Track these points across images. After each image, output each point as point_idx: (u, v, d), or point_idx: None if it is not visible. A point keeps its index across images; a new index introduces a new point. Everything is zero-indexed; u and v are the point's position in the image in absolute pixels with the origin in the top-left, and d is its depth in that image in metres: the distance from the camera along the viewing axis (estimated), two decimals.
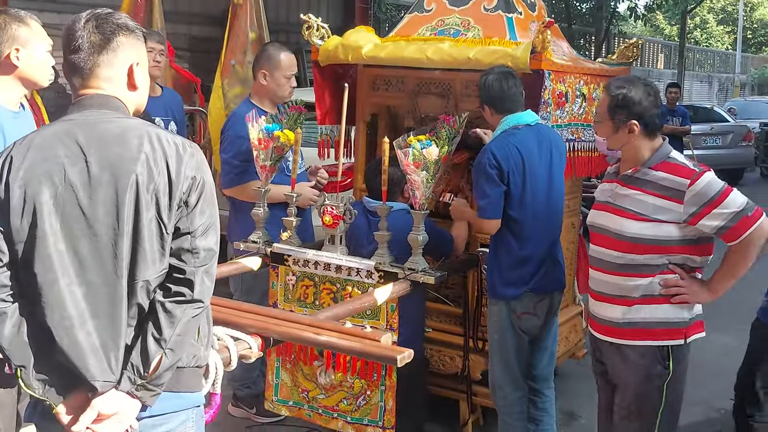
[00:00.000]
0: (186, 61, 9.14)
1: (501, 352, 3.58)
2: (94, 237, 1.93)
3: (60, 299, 1.92)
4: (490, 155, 3.43)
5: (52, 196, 1.92)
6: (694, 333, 2.97)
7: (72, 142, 1.96)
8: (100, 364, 1.93)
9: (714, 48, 38.24)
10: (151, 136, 1.99)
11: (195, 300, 1.98)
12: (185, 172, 1.99)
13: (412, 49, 4.05)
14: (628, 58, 4.63)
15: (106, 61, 2.05)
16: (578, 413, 4.51)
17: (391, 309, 3.52)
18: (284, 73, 4.02)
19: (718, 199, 2.77)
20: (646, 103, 2.89)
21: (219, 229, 2.09)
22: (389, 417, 3.55)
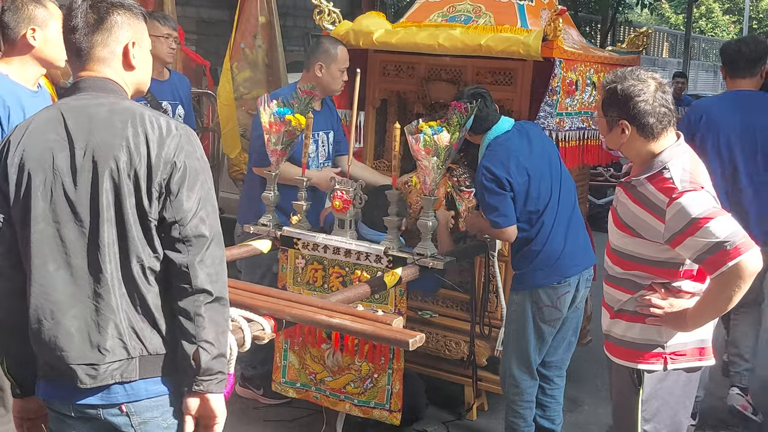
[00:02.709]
0: (194, 44, 9.14)
1: (519, 342, 3.59)
2: (79, 223, 1.94)
3: (47, 284, 1.95)
4: (484, 171, 3.45)
5: (42, 182, 1.95)
6: (686, 360, 2.66)
7: (62, 127, 1.97)
8: (83, 348, 1.94)
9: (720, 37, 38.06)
10: (135, 119, 1.96)
11: (198, 291, 1.95)
12: (166, 156, 1.95)
13: (423, 35, 4.05)
14: (638, 47, 4.63)
15: (101, 41, 2.04)
16: (582, 400, 4.54)
17: (400, 293, 3.55)
18: (340, 66, 4.01)
19: (694, 226, 2.41)
20: (639, 100, 2.54)
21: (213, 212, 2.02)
22: (396, 400, 3.58)
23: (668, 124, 2.60)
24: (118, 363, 1.96)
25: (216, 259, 1.99)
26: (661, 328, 2.63)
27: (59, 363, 1.96)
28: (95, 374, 1.95)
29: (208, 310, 1.97)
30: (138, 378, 1.98)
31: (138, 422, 2.01)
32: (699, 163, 2.64)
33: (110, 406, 1.99)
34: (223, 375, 2.02)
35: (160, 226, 1.97)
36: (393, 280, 3.30)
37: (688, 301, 2.59)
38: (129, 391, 1.98)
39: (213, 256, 1.98)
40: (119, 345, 1.95)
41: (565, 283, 3.55)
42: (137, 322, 1.97)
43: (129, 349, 1.96)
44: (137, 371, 1.98)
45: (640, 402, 2.66)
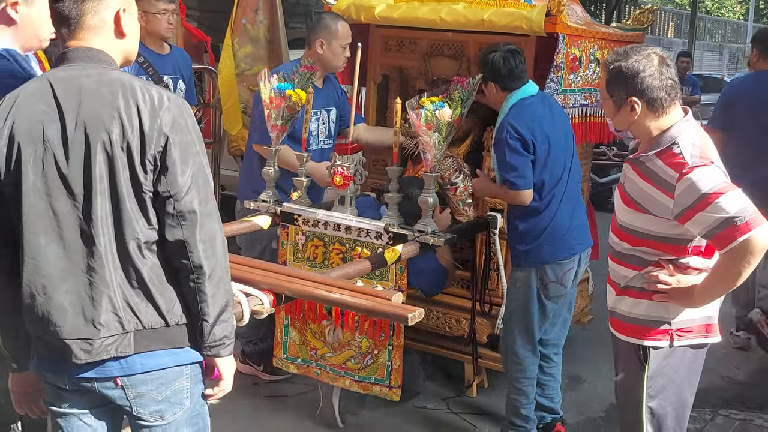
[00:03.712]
0: (195, 20, 9.07)
1: (524, 319, 3.58)
2: (71, 196, 1.92)
3: (39, 258, 1.93)
4: (509, 128, 3.41)
5: (32, 154, 1.92)
6: (692, 336, 2.64)
7: (51, 98, 1.94)
8: (76, 323, 1.93)
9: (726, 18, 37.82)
10: (126, 91, 1.93)
11: (196, 266, 1.95)
12: (159, 128, 1.92)
13: (425, 10, 4.02)
14: (643, 24, 4.59)
15: (91, 8, 1.99)
16: (583, 378, 4.54)
17: (400, 270, 3.54)
18: (341, 42, 3.96)
19: (704, 201, 2.39)
20: (646, 75, 2.51)
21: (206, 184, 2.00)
22: (396, 376, 3.58)
23: (675, 96, 2.58)
24: (112, 338, 1.94)
25: (212, 232, 1.98)
26: (668, 305, 2.60)
27: (53, 338, 1.94)
28: (90, 349, 1.93)
29: (208, 285, 1.97)
30: (133, 352, 1.97)
31: (133, 395, 2.01)
32: (707, 138, 2.60)
33: (105, 379, 1.99)
34: (228, 339, 2.05)
35: (155, 200, 1.95)
36: (393, 256, 3.28)
37: (696, 278, 2.56)
38: (123, 365, 1.98)
39: (210, 230, 1.97)
40: (114, 319, 1.94)
41: (571, 259, 3.56)
42: (132, 296, 1.96)
43: (124, 324, 1.95)
44: (132, 346, 1.97)
45: (646, 378, 2.65)
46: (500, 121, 3.53)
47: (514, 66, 3.49)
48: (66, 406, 2.07)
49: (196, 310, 1.99)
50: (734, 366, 4.71)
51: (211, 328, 2.00)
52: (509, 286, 3.72)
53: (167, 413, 2.06)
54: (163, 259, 1.99)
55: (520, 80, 3.53)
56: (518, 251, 3.57)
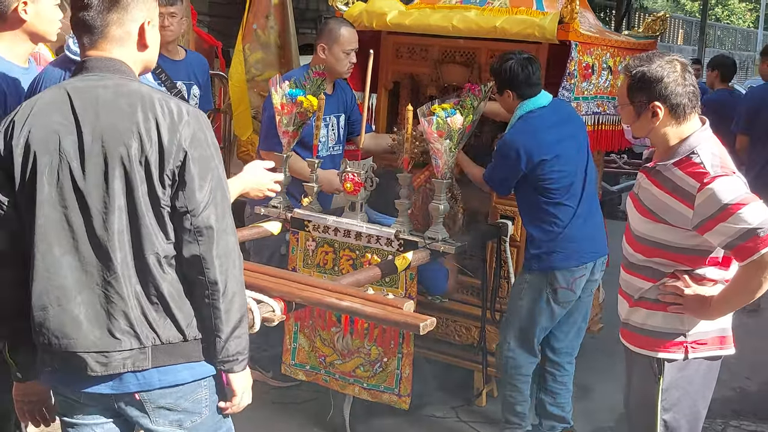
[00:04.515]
0: (206, 25, 9.08)
1: (527, 318, 3.58)
2: (86, 209, 1.89)
3: (53, 269, 1.90)
4: (510, 142, 3.47)
5: (48, 165, 1.89)
6: (707, 348, 2.62)
7: (68, 108, 1.91)
8: (91, 336, 1.90)
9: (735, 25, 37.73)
10: (145, 104, 1.90)
11: (212, 282, 1.93)
12: (178, 142, 1.89)
13: (437, 17, 4.01)
14: (655, 32, 4.57)
15: (117, 19, 1.96)
16: (593, 387, 4.51)
17: (410, 277, 3.53)
18: (343, 48, 3.94)
19: (726, 212, 2.35)
20: (670, 81, 2.48)
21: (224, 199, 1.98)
22: (405, 385, 3.57)
23: (697, 104, 2.55)
24: (129, 352, 1.92)
25: (228, 248, 1.96)
26: (683, 317, 2.58)
27: (66, 351, 1.92)
28: (106, 362, 1.91)
29: (222, 301, 1.96)
30: (150, 367, 1.95)
31: (152, 408, 1.99)
32: (724, 149, 2.58)
33: (123, 395, 1.97)
34: (242, 355, 2.04)
35: (172, 214, 1.92)
36: (404, 263, 3.27)
37: (712, 289, 2.54)
38: (141, 380, 1.95)
39: (225, 246, 1.95)
40: (130, 334, 1.91)
41: (583, 267, 3.55)
42: (150, 311, 1.93)
43: (141, 338, 1.92)
44: (149, 360, 1.94)
45: (660, 391, 2.62)
46: (507, 130, 3.55)
47: (531, 73, 3.50)
48: (78, 416, 2.05)
49: (210, 325, 1.98)
50: (745, 377, 4.68)
51: (224, 344, 1.99)
52: (514, 284, 3.72)
53: (186, 422, 2.04)
54: (180, 273, 1.97)
55: (536, 88, 3.53)
56: (530, 255, 3.57)
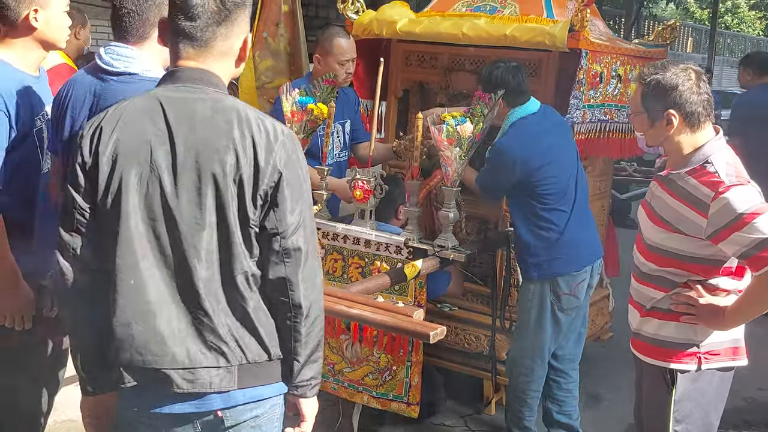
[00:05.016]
0: None
1: (536, 330, 3.57)
2: (175, 224, 1.83)
3: (139, 283, 1.84)
4: (499, 149, 3.49)
5: (137, 175, 1.83)
6: (719, 359, 2.60)
7: (161, 119, 1.85)
8: (178, 353, 1.84)
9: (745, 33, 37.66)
10: (242, 121, 1.85)
11: (296, 306, 1.90)
12: (273, 163, 1.84)
13: (447, 25, 4.01)
14: (665, 40, 4.57)
15: (223, 33, 1.90)
16: (602, 396, 4.49)
17: (420, 285, 3.52)
18: (337, 59, 3.95)
19: (741, 222, 2.34)
20: (685, 89, 2.47)
21: (311, 222, 1.94)
22: (414, 393, 3.55)
23: (711, 113, 2.54)
24: (216, 370, 1.87)
25: (314, 271, 1.93)
26: (696, 327, 2.56)
27: (151, 368, 1.86)
28: (192, 378, 1.86)
29: (304, 325, 1.92)
30: (236, 387, 1.90)
31: (230, 424, 1.94)
32: (738, 158, 2.57)
33: (205, 413, 1.92)
34: (315, 380, 2.00)
35: (260, 234, 1.87)
36: (413, 271, 3.27)
37: (725, 299, 2.52)
38: (226, 397, 1.91)
39: (311, 269, 1.92)
40: (217, 351, 1.87)
41: (583, 271, 3.55)
42: (237, 328, 1.88)
43: (228, 356, 1.88)
44: (236, 380, 1.89)
45: (673, 402, 2.60)
46: (498, 138, 3.56)
47: (521, 80, 3.52)
48: None
49: (288, 347, 1.94)
50: (757, 387, 4.65)
51: (302, 368, 1.95)
52: (520, 297, 3.70)
53: None
54: (262, 293, 1.92)
55: (522, 96, 3.55)
56: (529, 264, 3.56)
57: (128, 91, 2.20)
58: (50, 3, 2.62)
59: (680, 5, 24.58)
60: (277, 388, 1.99)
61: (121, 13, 2.24)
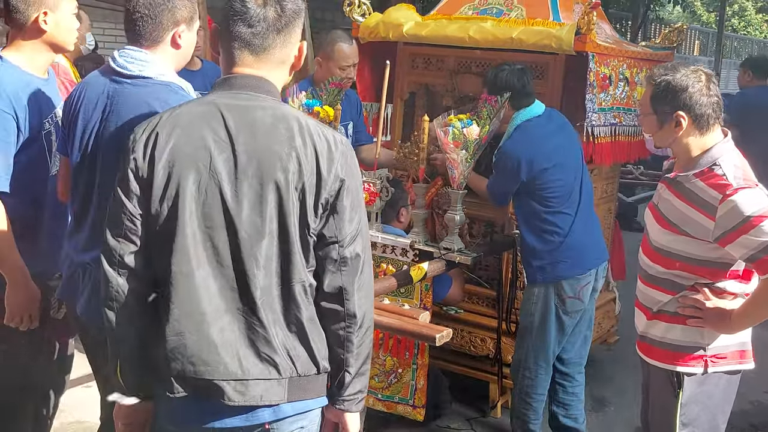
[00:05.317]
0: None
1: (540, 334, 3.56)
2: (234, 232, 1.79)
3: (194, 293, 1.80)
4: (509, 152, 3.47)
5: (195, 182, 1.79)
6: (726, 362, 2.59)
7: (220, 126, 1.81)
8: (230, 364, 1.80)
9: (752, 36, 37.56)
10: (303, 129, 1.83)
11: (350, 316, 1.86)
12: (335, 172, 1.82)
13: (453, 28, 4.01)
14: (672, 43, 4.56)
15: (282, 41, 1.89)
16: (609, 400, 4.48)
17: (425, 288, 3.52)
18: (338, 63, 3.95)
19: (749, 224, 2.33)
20: (695, 90, 2.46)
21: (367, 230, 1.92)
22: (420, 396, 3.55)
23: (720, 115, 2.54)
24: (267, 382, 1.83)
25: (369, 281, 1.91)
26: (703, 330, 2.55)
27: (202, 378, 1.82)
28: (244, 391, 1.82)
29: (357, 335, 1.89)
30: (285, 401, 1.86)
31: None
32: (746, 161, 2.56)
33: (255, 427, 1.88)
34: (362, 394, 1.97)
35: (318, 243, 1.85)
36: (419, 274, 3.27)
37: (732, 302, 2.52)
38: (276, 410, 1.87)
39: (367, 278, 1.90)
40: (270, 363, 1.83)
41: (588, 274, 3.54)
42: (290, 339, 1.85)
43: (280, 369, 1.84)
44: (286, 393, 1.86)
45: (679, 405, 2.60)
46: (504, 140, 3.55)
47: (526, 82, 3.52)
48: None
49: (338, 359, 1.90)
50: (763, 390, 4.63)
51: (352, 380, 1.91)
52: (524, 300, 3.69)
53: None
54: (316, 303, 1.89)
55: (527, 99, 3.55)
56: (533, 267, 3.55)
57: (142, 95, 2.22)
58: (59, 6, 2.64)
59: (687, 8, 24.52)
60: (321, 401, 1.95)
61: (135, 17, 2.24)
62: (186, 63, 2.45)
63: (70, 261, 2.39)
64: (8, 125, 2.53)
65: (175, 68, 2.35)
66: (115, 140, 2.20)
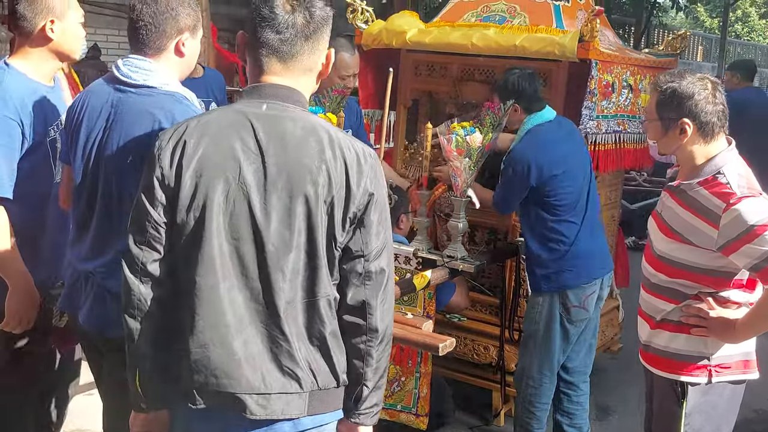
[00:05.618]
0: (226, 41, 9.14)
1: (544, 342, 3.54)
2: (261, 244, 1.77)
3: (218, 305, 1.78)
4: (516, 155, 3.44)
5: (224, 193, 1.77)
6: (730, 372, 2.57)
7: (250, 136, 1.79)
8: (253, 377, 1.79)
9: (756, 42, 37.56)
10: (332, 141, 1.80)
11: (372, 330, 1.84)
12: (364, 185, 1.80)
13: (456, 35, 4.01)
14: (675, 50, 4.55)
15: (310, 48, 1.87)
16: (612, 408, 4.47)
17: (429, 296, 3.51)
18: (339, 72, 3.89)
19: (753, 234, 2.32)
20: (701, 98, 2.46)
21: (391, 244, 1.90)
22: (423, 404, 3.55)
23: (725, 124, 2.53)
24: (289, 396, 1.82)
25: (391, 295, 1.89)
26: (707, 340, 2.53)
27: (225, 391, 1.80)
28: (266, 404, 1.80)
29: (377, 349, 1.87)
30: (306, 415, 1.85)
31: None
32: (749, 170, 2.55)
33: None
34: (378, 407, 1.95)
35: (342, 257, 1.83)
36: (422, 282, 3.26)
37: (736, 312, 2.50)
38: (296, 425, 1.86)
39: (390, 292, 1.88)
40: (292, 377, 1.82)
41: (593, 283, 3.52)
42: (312, 353, 1.83)
43: (302, 382, 1.82)
44: (306, 407, 1.84)
45: (684, 415, 2.58)
46: (514, 145, 3.53)
47: (537, 87, 3.52)
48: None
49: (356, 372, 1.88)
50: (767, 398, 4.61)
51: (369, 393, 1.90)
52: (527, 308, 3.68)
53: None
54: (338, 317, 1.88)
55: (542, 102, 3.54)
56: (538, 276, 3.53)
57: (146, 104, 2.21)
58: (66, 14, 2.65)
59: (690, 14, 24.55)
60: (338, 413, 1.94)
61: (138, 26, 2.24)
62: (190, 71, 2.44)
63: (72, 270, 2.39)
64: (13, 132, 2.54)
65: (179, 77, 2.34)
66: (118, 149, 2.20)
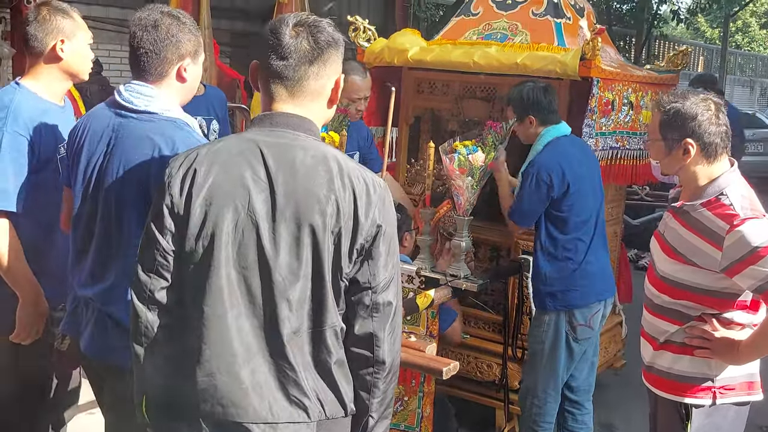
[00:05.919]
0: (228, 56, 9.16)
1: (550, 361, 3.54)
2: (268, 273, 1.77)
3: (226, 334, 1.77)
4: (540, 168, 3.42)
5: (233, 221, 1.77)
6: (734, 394, 2.56)
7: (260, 164, 1.79)
8: (259, 406, 1.78)
9: (756, 52, 37.61)
10: (342, 172, 1.80)
11: (379, 362, 1.84)
12: (373, 217, 1.79)
13: (458, 53, 4.02)
14: (677, 66, 4.56)
15: (315, 73, 1.86)
16: (616, 426, 4.45)
17: (432, 316, 3.50)
18: (349, 95, 3.86)
19: (756, 255, 2.31)
20: (704, 119, 2.46)
21: (399, 275, 1.90)
22: (427, 424, 3.53)
23: (728, 145, 2.53)
24: (296, 425, 1.80)
25: (399, 327, 1.88)
26: (711, 361, 2.52)
27: (232, 421, 1.79)
28: None
29: (384, 381, 1.87)
30: None
31: None
32: (752, 190, 2.55)
33: None
34: None
35: (349, 288, 1.83)
36: (425, 302, 3.25)
37: (740, 333, 2.50)
38: None
39: (397, 324, 1.87)
40: (299, 406, 1.81)
41: (599, 303, 3.51)
42: (319, 382, 1.83)
43: (309, 412, 1.81)
44: None
45: None
46: (533, 156, 3.52)
47: (552, 99, 3.51)
48: None
49: (362, 403, 1.88)
50: None
51: (375, 424, 1.90)
52: (532, 326, 3.67)
53: None
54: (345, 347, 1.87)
55: (557, 115, 3.54)
56: (545, 294, 3.52)
57: (147, 130, 2.23)
58: (76, 34, 2.73)
59: (691, 25, 24.60)
60: None
61: (139, 53, 2.26)
62: (192, 95, 2.45)
63: (74, 295, 2.39)
64: (22, 147, 2.60)
65: (180, 102, 2.35)
66: (118, 174, 2.22)
